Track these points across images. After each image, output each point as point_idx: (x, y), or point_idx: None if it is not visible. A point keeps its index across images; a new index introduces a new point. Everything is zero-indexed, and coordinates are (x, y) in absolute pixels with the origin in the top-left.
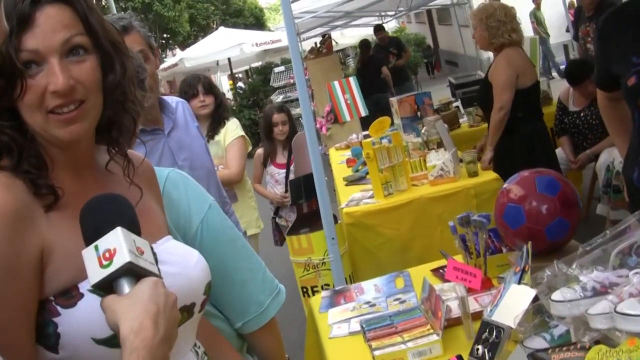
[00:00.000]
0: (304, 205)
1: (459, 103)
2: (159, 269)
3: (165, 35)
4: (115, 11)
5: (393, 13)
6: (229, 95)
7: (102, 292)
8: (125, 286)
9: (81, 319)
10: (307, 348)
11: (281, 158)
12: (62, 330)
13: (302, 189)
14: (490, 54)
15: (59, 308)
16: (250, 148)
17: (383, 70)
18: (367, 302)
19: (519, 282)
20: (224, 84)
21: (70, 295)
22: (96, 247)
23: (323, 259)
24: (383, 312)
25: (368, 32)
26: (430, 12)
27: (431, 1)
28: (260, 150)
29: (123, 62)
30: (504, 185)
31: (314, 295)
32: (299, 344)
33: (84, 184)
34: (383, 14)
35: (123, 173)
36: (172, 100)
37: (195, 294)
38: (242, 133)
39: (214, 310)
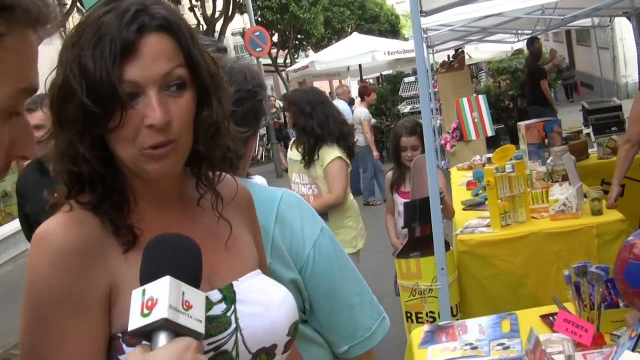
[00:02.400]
0: (417, 229)
1: (590, 130)
2: (237, 321)
3: (299, 36)
4: (252, 11)
5: (530, 32)
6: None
7: (141, 340)
8: (161, 341)
9: None
10: None
11: (408, 186)
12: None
13: (417, 212)
14: (629, 79)
15: (124, 346)
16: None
17: (542, 84)
18: (469, 344)
19: (634, 349)
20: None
21: None
22: (144, 292)
23: (431, 285)
24: (484, 358)
25: (504, 49)
26: (570, 31)
27: (570, 22)
28: (389, 174)
29: (219, 96)
30: (629, 238)
31: (417, 320)
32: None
33: (168, 218)
34: (520, 31)
35: (212, 208)
36: None
37: (276, 336)
38: (339, 154)
39: (315, 335)
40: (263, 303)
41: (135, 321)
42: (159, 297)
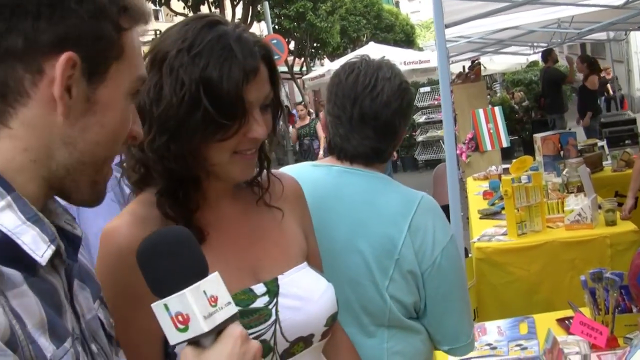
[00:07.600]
0: None
1: (604, 143)
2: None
3: (315, 45)
4: (270, 19)
5: (546, 44)
6: None
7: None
8: (206, 339)
9: None
10: None
11: None
12: (178, 351)
13: None
14: None
15: None
16: None
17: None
18: (489, 344)
19: None
20: None
21: None
22: (166, 307)
23: None
24: (503, 357)
25: (519, 61)
26: (585, 44)
27: (586, 35)
28: None
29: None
30: None
31: None
32: None
33: (222, 215)
34: (536, 44)
35: (266, 204)
36: None
37: (313, 327)
38: None
39: (419, 326)
40: (303, 297)
41: (175, 337)
42: (189, 312)
